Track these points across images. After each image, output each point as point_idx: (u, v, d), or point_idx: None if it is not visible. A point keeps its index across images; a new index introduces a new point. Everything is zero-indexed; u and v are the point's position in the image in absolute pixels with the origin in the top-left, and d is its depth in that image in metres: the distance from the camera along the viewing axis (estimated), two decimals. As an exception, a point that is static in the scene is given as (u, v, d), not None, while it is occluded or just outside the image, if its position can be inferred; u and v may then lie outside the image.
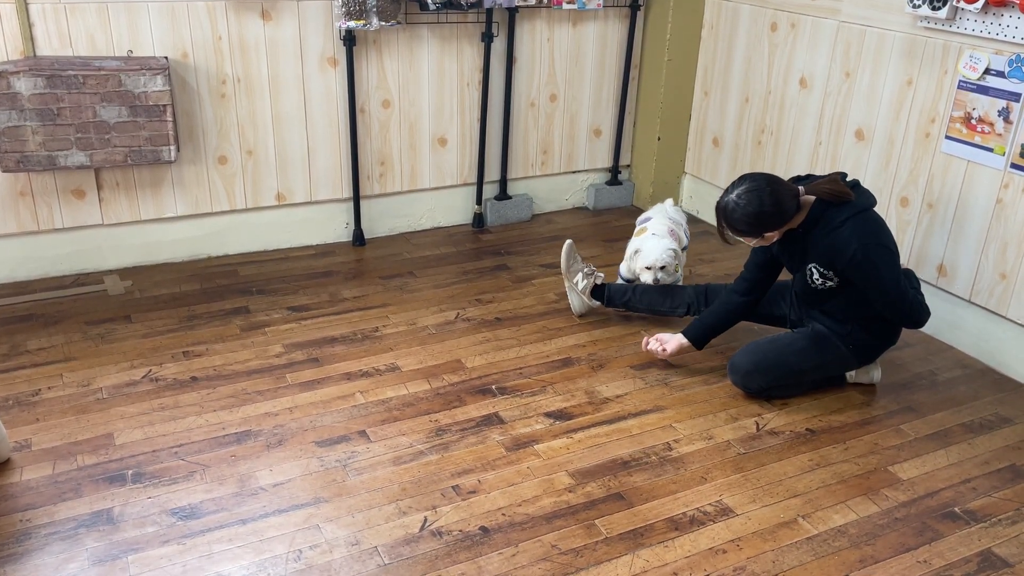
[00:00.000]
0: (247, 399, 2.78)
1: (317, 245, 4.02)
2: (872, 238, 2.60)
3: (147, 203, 3.61)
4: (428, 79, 3.95)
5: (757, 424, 2.77)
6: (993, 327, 3.15)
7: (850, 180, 2.72)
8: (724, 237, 2.73)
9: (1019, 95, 2.91)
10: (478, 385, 2.92)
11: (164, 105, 3.32)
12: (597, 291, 3.33)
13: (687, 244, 3.46)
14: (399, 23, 3.66)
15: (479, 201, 4.28)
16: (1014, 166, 2.98)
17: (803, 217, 2.67)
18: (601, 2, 4.12)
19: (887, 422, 2.82)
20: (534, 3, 3.98)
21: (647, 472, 2.52)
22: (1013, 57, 2.90)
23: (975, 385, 3.06)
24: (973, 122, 3.07)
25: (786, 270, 2.91)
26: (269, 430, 2.63)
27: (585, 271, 3.33)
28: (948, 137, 3.17)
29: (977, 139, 3.07)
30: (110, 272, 3.64)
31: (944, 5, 3.03)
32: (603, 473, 2.50)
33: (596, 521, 2.31)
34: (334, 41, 3.70)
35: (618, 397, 2.89)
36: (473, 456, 2.55)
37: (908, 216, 3.38)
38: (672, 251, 3.23)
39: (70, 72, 3.16)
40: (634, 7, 4.26)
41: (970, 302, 3.21)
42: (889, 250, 2.64)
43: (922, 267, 3.35)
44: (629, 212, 4.57)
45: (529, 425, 2.71)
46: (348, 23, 3.55)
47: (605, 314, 3.42)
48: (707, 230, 4.37)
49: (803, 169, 3.84)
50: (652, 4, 4.28)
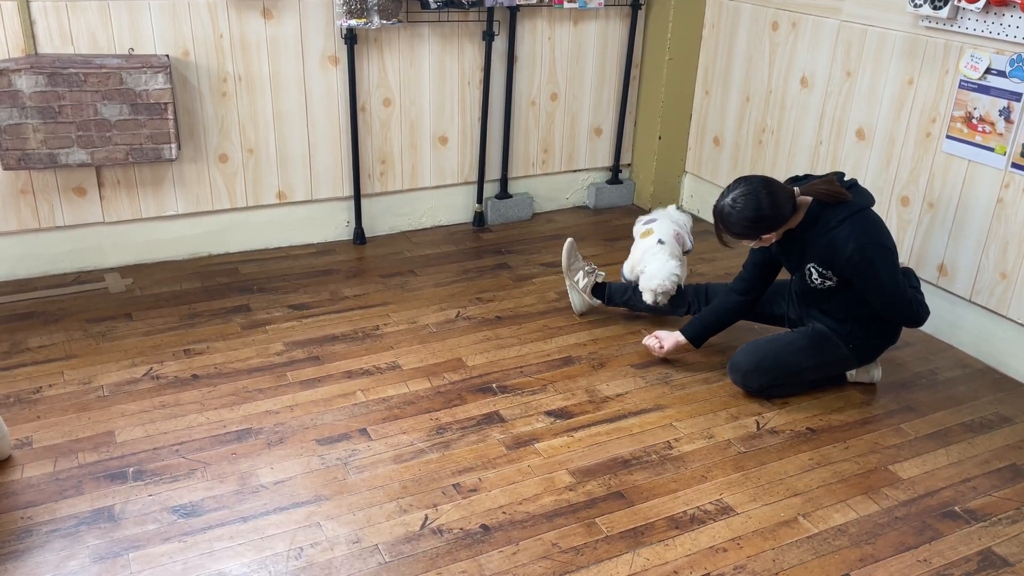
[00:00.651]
0: (248, 397, 2.79)
1: (318, 243, 4.02)
2: (870, 238, 2.60)
3: (148, 201, 3.61)
4: (429, 78, 3.95)
5: (757, 423, 2.77)
6: (993, 327, 3.16)
7: (848, 179, 2.72)
8: (722, 240, 2.72)
9: (1020, 95, 2.91)
10: (479, 384, 2.92)
11: (165, 103, 3.32)
12: (598, 289, 3.34)
13: (691, 248, 3.45)
14: (400, 21, 3.66)
15: (480, 200, 4.28)
16: (1015, 166, 2.98)
17: (801, 218, 2.67)
18: (602, 1, 4.12)
19: (887, 421, 2.82)
20: (535, 2, 3.98)
21: (647, 471, 2.52)
22: (1014, 57, 2.90)
23: (975, 384, 3.06)
24: (974, 122, 3.07)
25: (785, 269, 2.91)
26: (270, 428, 2.63)
27: (586, 269, 3.33)
28: (949, 137, 3.17)
29: (978, 139, 3.07)
30: (111, 270, 3.65)
31: (945, 5, 3.03)
32: (604, 472, 2.50)
33: (597, 519, 2.31)
34: (335, 39, 3.70)
35: (619, 396, 2.89)
36: (474, 454, 2.55)
37: (909, 216, 3.38)
38: (675, 276, 3.17)
39: (71, 70, 3.16)
40: (635, 6, 4.25)
41: (970, 302, 3.21)
42: (887, 249, 2.63)
43: (922, 266, 3.35)
44: (630, 211, 4.57)
45: (530, 424, 2.71)
46: (349, 21, 3.55)
47: (606, 313, 3.42)
48: (708, 229, 4.36)
49: (804, 169, 3.84)
50: (653, 3, 4.28)
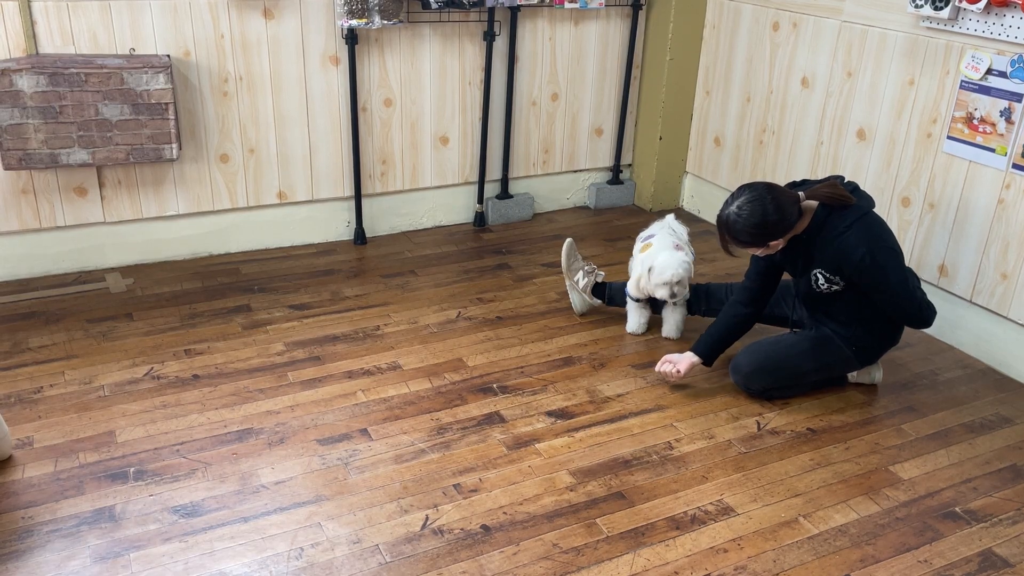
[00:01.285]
0: (249, 397, 2.79)
1: (318, 243, 4.02)
2: (879, 241, 2.59)
3: (149, 201, 3.61)
4: (430, 78, 3.95)
5: (758, 423, 2.77)
6: (994, 327, 3.16)
7: (848, 183, 2.71)
8: (728, 250, 2.66)
9: (1021, 95, 2.91)
10: (479, 384, 2.92)
11: (166, 103, 3.32)
12: (598, 289, 3.33)
13: (692, 258, 3.41)
14: (401, 21, 3.66)
15: (480, 200, 4.28)
16: (1015, 166, 2.98)
17: (807, 223, 2.64)
18: (603, 1, 4.12)
19: (888, 422, 2.82)
20: (536, 2, 3.98)
21: (648, 471, 2.52)
22: (1015, 57, 2.90)
23: (976, 385, 3.06)
24: (975, 122, 3.07)
25: (788, 274, 2.90)
26: (271, 428, 2.64)
27: (586, 269, 3.33)
28: (950, 137, 3.17)
29: (979, 139, 3.07)
30: (112, 270, 3.65)
31: (946, 5, 3.03)
32: (604, 472, 2.50)
33: (597, 520, 2.31)
34: (336, 39, 3.70)
35: (619, 396, 2.89)
36: (474, 455, 2.55)
37: (909, 216, 3.38)
38: (687, 263, 3.11)
39: (72, 70, 3.16)
40: (636, 6, 4.25)
41: (971, 302, 3.21)
42: (896, 252, 2.63)
43: (923, 267, 3.35)
44: (630, 211, 4.57)
45: (530, 424, 2.71)
46: (350, 21, 3.55)
47: (606, 313, 3.42)
48: (708, 229, 4.36)
49: (804, 169, 3.84)
50: (654, 3, 4.28)
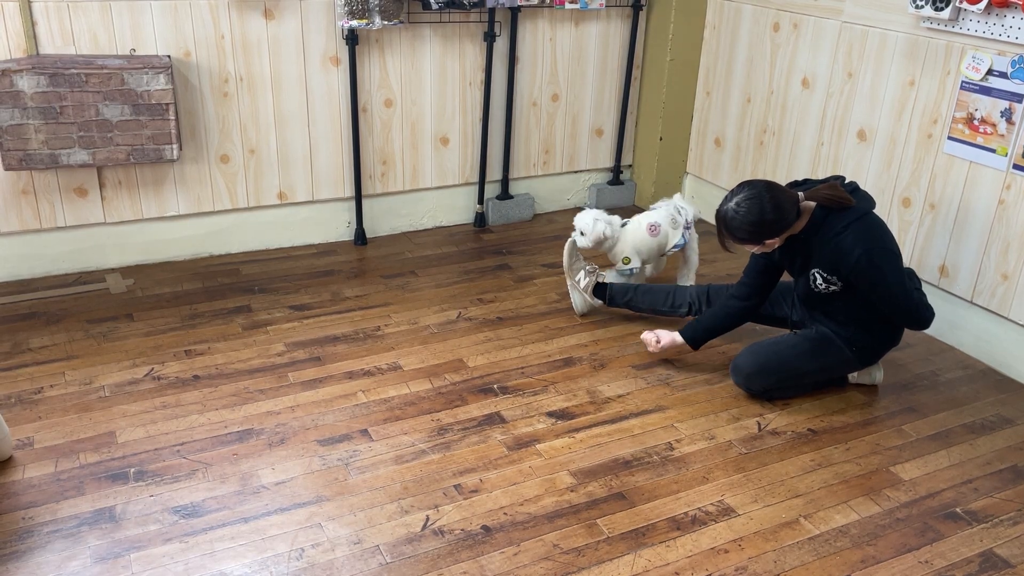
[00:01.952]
0: (249, 398, 2.79)
1: (319, 244, 4.02)
2: (876, 242, 2.59)
3: (149, 201, 3.61)
4: (430, 78, 3.95)
5: (759, 424, 2.77)
6: (995, 328, 3.16)
7: (849, 183, 2.71)
8: (725, 246, 2.69)
9: (1022, 96, 2.91)
10: (480, 384, 2.92)
11: (166, 103, 3.32)
12: (599, 290, 3.33)
13: (682, 242, 3.46)
14: (401, 22, 3.66)
15: (481, 200, 4.28)
16: (1016, 167, 2.97)
17: (804, 223, 2.65)
18: (603, 2, 4.12)
19: (889, 422, 2.82)
20: (536, 3, 3.98)
21: (649, 472, 2.52)
22: (1016, 58, 2.90)
23: (976, 386, 3.06)
24: (975, 123, 3.07)
25: (788, 273, 2.90)
26: (271, 429, 2.63)
27: (587, 269, 3.33)
28: (950, 138, 3.17)
29: (979, 140, 3.07)
30: (112, 270, 3.65)
31: (947, 6, 3.03)
32: (605, 472, 2.50)
33: (598, 520, 2.31)
34: (336, 40, 3.70)
35: (620, 397, 2.89)
36: (475, 455, 2.55)
37: (910, 217, 3.38)
38: (595, 221, 3.35)
39: (73, 70, 3.16)
40: (636, 7, 4.26)
41: (972, 303, 3.21)
42: (893, 253, 2.63)
43: (924, 268, 3.35)
44: (631, 212, 4.55)
45: (531, 424, 2.71)
46: (350, 22, 3.55)
47: (607, 314, 3.42)
48: (708, 230, 4.36)
49: (805, 170, 3.84)
50: (654, 4, 4.28)
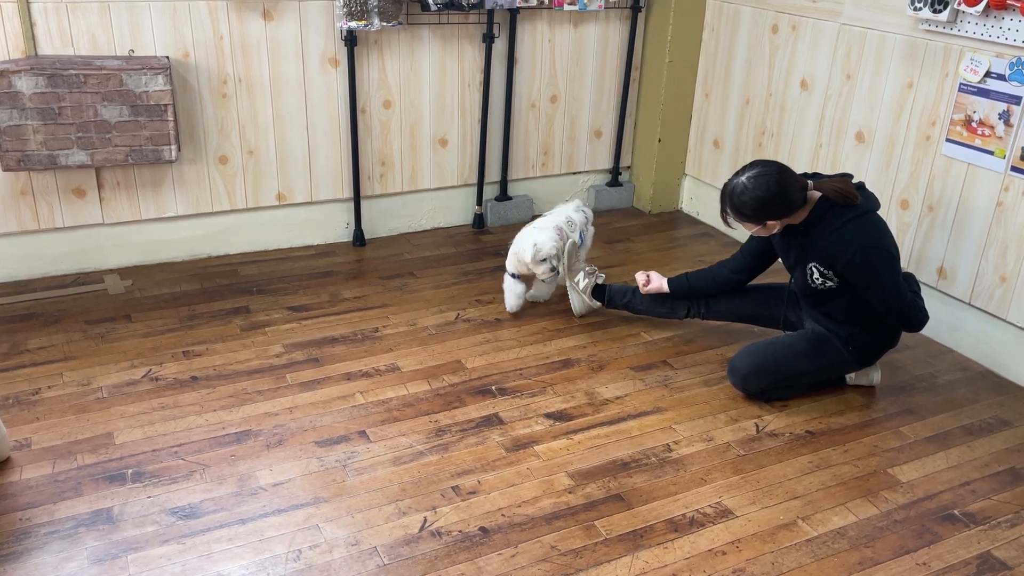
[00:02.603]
0: (247, 399, 2.79)
1: (317, 245, 4.02)
2: (873, 241, 2.60)
3: (148, 202, 3.61)
4: (429, 79, 3.95)
5: (757, 426, 2.77)
6: (993, 330, 3.16)
7: (856, 182, 2.72)
8: (726, 220, 2.73)
9: (1020, 98, 2.91)
10: (478, 386, 2.92)
11: (165, 104, 3.32)
12: (598, 291, 3.34)
13: (577, 244, 3.37)
14: (400, 23, 3.66)
15: (479, 202, 4.28)
16: (1014, 169, 2.98)
17: (806, 213, 2.67)
18: (602, 3, 4.12)
19: (887, 424, 2.82)
20: (535, 4, 3.98)
21: (647, 473, 2.52)
22: (1014, 60, 2.90)
23: (975, 388, 3.06)
24: (974, 125, 3.07)
25: (784, 269, 2.91)
26: (269, 430, 2.63)
27: (587, 270, 3.33)
28: (948, 140, 3.17)
29: (977, 142, 3.07)
30: (110, 271, 3.64)
31: (945, 8, 3.03)
32: (603, 474, 2.50)
33: (596, 522, 2.31)
34: (335, 41, 3.70)
35: (618, 398, 2.89)
36: (473, 457, 2.55)
37: (908, 218, 3.38)
38: (536, 245, 3.25)
39: (71, 71, 3.16)
40: (635, 9, 4.26)
41: (970, 305, 3.21)
42: (890, 254, 2.63)
43: (922, 269, 3.35)
44: (629, 213, 4.58)
45: (529, 426, 2.71)
46: (349, 23, 3.55)
47: (606, 315, 3.42)
48: (707, 231, 4.37)
49: (804, 171, 3.84)
50: (653, 6, 4.28)
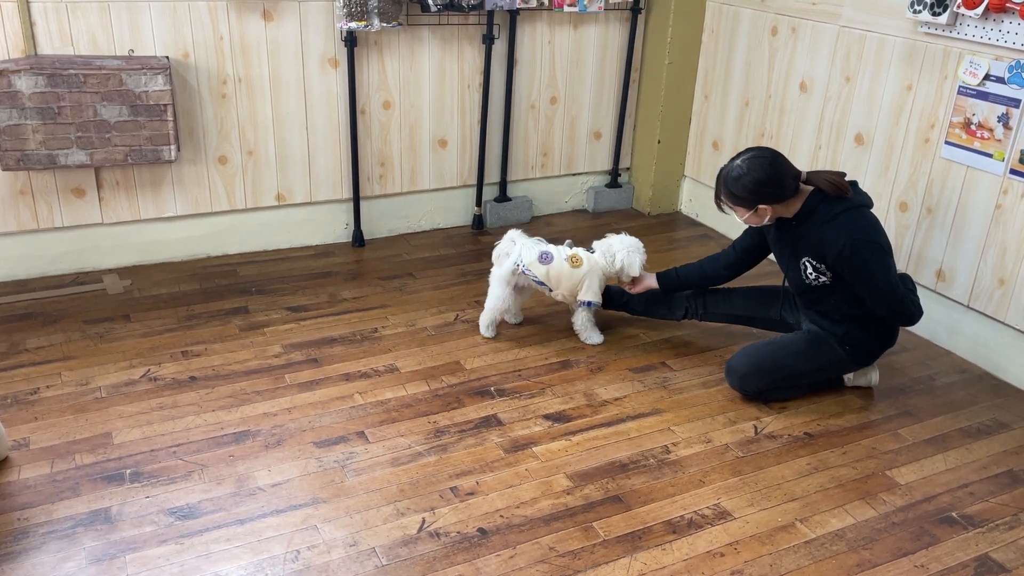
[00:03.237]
0: (246, 399, 2.78)
1: (317, 246, 4.02)
2: (862, 233, 2.61)
3: (147, 202, 3.61)
4: (429, 80, 3.95)
5: (755, 427, 2.77)
6: (991, 332, 3.16)
7: (849, 180, 2.73)
8: (719, 206, 2.76)
9: (1019, 101, 2.91)
10: (477, 387, 2.92)
11: (165, 105, 3.32)
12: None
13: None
14: (400, 24, 3.67)
15: (479, 203, 4.28)
16: (1013, 172, 2.98)
17: (798, 206, 2.69)
18: (602, 5, 4.12)
19: (885, 426, 2.82)
20: (535, 5, 3.99)
21: (645, 475, 2.52)
22: (1013, 63, 2.90)
23: (973, 390, 3.06)
24: (973, 127, 3.07)
25: (779, 269, 2.92)
26: (267, 430, 2.63)
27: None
28: (948, 142, 3.18)
29: (977, 144, 3.07)
30: (109, 271, 3.64)
31: (944, 11, 3.03)
32: (601, 475, 2.50)
33: (594, 523, 2.31)
34: (335, 42, 3.70)
35: (616, 400, 2.89)
36: (471, 458, 2.55)
37: (907, 221, 3.39)
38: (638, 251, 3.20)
39: (71, 71, 3.16)
40: (635, 10, 4.26)
41: (968, 307, 3.22)
42: (880, 246, 2.64)
43: (921, 272, 3.35)
44: (629, 215, 4.58)
45: (527, 427, 2.71)
46: (349, 24, 3.55)
47: (604, 316, 3.41)
48: (706, 233, 4.37)
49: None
50: (653, 7, 4.28)
